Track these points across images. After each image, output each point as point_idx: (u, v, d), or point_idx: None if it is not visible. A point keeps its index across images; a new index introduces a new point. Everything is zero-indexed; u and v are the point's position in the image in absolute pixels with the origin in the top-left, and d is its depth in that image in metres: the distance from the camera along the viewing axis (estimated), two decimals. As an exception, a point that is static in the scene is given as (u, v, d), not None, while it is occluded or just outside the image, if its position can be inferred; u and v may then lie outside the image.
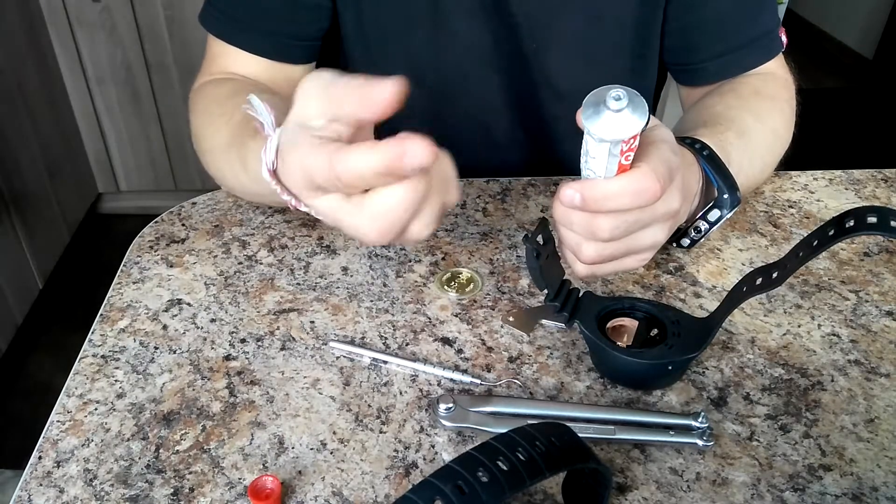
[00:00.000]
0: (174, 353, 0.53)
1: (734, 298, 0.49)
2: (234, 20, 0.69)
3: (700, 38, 0.74)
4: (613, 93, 0.43)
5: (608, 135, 0.44)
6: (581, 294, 0.54)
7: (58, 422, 0.48)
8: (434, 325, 0.56)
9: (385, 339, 0.54)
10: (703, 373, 0.52)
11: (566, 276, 0.55)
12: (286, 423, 0.48)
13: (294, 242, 0.64)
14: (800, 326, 0.56)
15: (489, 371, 0.52)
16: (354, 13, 0.72)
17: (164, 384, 0.51)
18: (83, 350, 0.53)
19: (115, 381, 0.51)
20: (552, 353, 0.53)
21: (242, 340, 0.54)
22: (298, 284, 0.59)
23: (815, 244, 0.44)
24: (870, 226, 0.42)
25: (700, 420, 0.47)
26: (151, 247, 0.64)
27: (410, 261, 0.62)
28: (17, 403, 1.68)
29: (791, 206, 0.70)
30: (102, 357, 0.53)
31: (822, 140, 2.62)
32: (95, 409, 0.49)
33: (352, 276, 0.60)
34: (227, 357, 0.53)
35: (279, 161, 0.42)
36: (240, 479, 0.44)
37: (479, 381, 0.51)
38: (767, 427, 0.48)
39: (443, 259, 0.62)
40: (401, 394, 0.50)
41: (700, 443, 0.46)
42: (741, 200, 0.58)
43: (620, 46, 0.74)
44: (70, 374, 0.51)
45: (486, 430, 0.46)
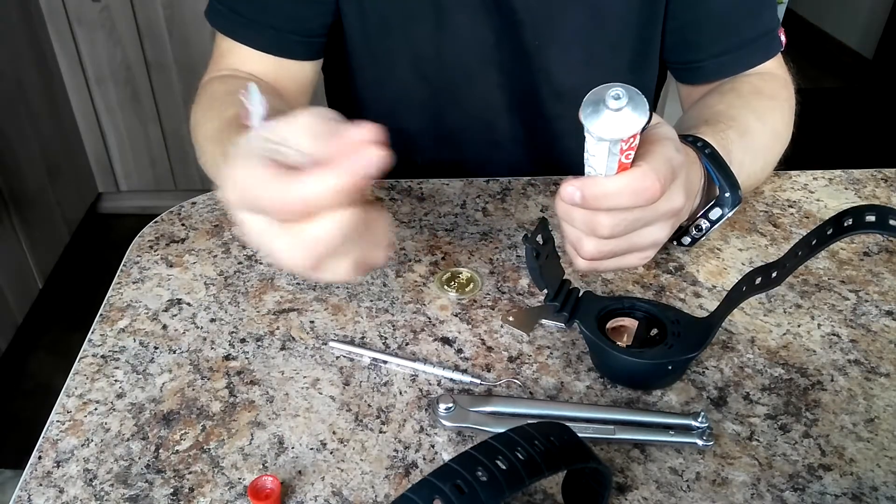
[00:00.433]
0: (174, 353, 0.53)
1: (734, 298, 0.49)
2: (239, 16, 0.70)
3: (700, 37, 0.74)
4: (613, 91, 0.43)
5: (607, 133, 0.44)
6: (581, 294, 0.54)
7: (58, 422, 0.48)
8: (434, 325, 0.56)
9: (385, 339, 0.54)
10: (703, 373, 0.52)
11: (566, 276, 0.55)
12: (286, 423, 0.48)
13: (294, 242, 0.64)
14: (800, 326, 0.56)
15: (489, 371, 0.52)
16: (357, 8, 0.72)
17: (164, 384, 0.51)
18: (83, 350, 0.53)
19: (115, 381, 0.51)
20: (552, 353, 0.53)
21: (242, 340, 0.54)
22: (298, 284, 0.59)
23: (814, 243, 0.44)
24: (868, 224, 0.42)
25: (700, 420, 0.47)
26: (151, 247, 0.64)
27: (410, 261, 0.62)
28: (17, 403, 1.68)
29: (791, 206, 0.70)
30: (102, 357, 0.53)
31: (822, 140, 2.61)
32: (95, 409, 0.49)
33: (351, 276, 0.60)
34: (227, 357, 0.53)
35: (227, 165, 0.39)
36: (239, 479, 0.44)
37: (479, 381, 0.51)
38: (767, 427, 0.48)
39: (443, 259, 0.62)
40: (400, 394, 0.50)
41: (700, 442, 0.46)
42: (742, 199, 0.59)
43: (621, 44, 0.74)
44: (70, 374, 0.51)
45: (486, 430, 0.46)
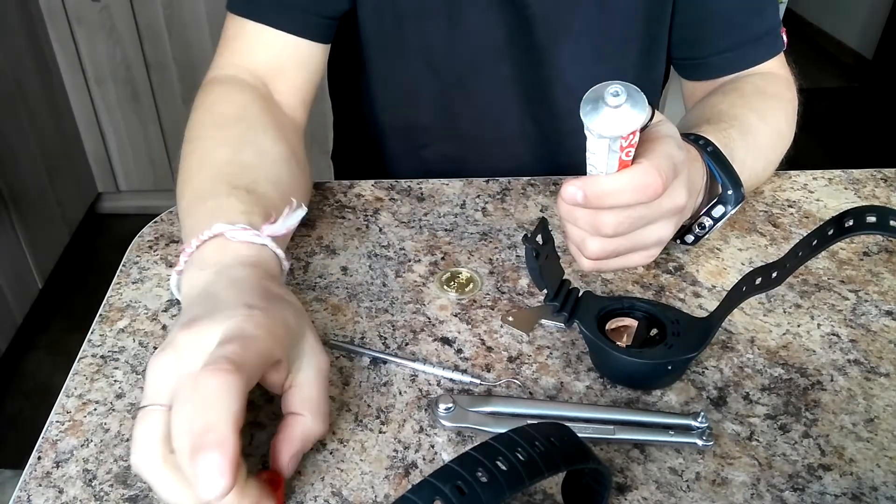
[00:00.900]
0: (173, 353, 0.53)
1: (734, 298, 0.49)
2: None
3: (707, 33, 0.74)
4: (612, 89, 0.43)
5: (607, 131, 0.44)
6: (581, 294, 0.54)
7: (57, 422, 0.48)
8: (433, 325, 0.56)
9: (384, 339, 0.54)
10: (703, 373, 0.52)
11: (566, 276, 0.55)
12: (286, 423, 0.48)
13: (293, 242, 0.64)
14: (799, 326, 0.56)
15: (489, 371, 0.52)
16: None
17: (164, 384, 0.51)
18: (82, 350, 0.53)
19: (115, 381, 0.51)
20: (552, 353, 0.53)
21: (242, 340, 0.54)
22: (298, 284, 0.59)
23: (815, 244, 0.44)
24: (869, 225, 0.42)
25: (700, 420, 0.47)
26: (151, 247, 0.64)
27: (410, 261, 0.62)
28: (17, 403, 1.68)
29: (791, 206, 0.70)
30: (102, 357, 0.53)
31: (822, 140, 2.62)
32: (95, 410, 0.49)
33: (351, 276, 0.60)
34: (227, 357, 0.53)
35: (180, 331, 0.40)
36: (239, 479, 0.44)
37: (479, 381, 0.51)
38: (767, 427, 0.48)
39: (442, 259, 0.62)
40: (400, 394, 0.50)
41: (700, 442, 0.46)
42: (745, 197, 0.59)
43: (630, 39, 0.75)
44: (69, 374, 0.51)
45: (486, 430, 0.46)
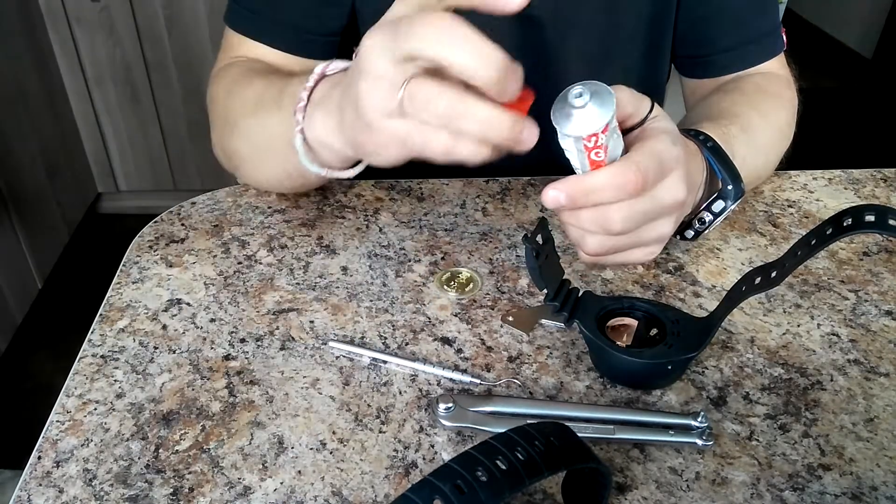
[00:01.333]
0: (173, 353, 0.53)
1: (733, 298, 0.49)
2: (258, 16, 0.70)
3: (710, 31, 0.75)
4: (575, 90, 0.45)
5: (571, 131, 0.46)
6: (580, 294, 0.54)
7: (57, 422, 0.48)
8: (433, 325, 0.56)
9: (384, 339, 0.54)
10: (703, 372, 0.52)
11: (566, 276, 0.55)
12: (286, 423, 0.48)
13: (293, 242, 0.64)
14: (799, 326, 0.56)
15: (489, 371, 0.52)
16: (373, 9, 0.72)
17: (164, 384, 0.51)
18: (82, 350, 0.53)
19: (115, 381, 0.51)
20: (552, 353, 0.53)
21: (242, 340, 0.54)
22: (298, 284, 0.59)
23: (814, 243, 0.44)
24: (868, 224, 0.42)
25: (699, 420, 0.47)
26: (151, 247, 0.64)
27: (410, 260, 0.62)
28: (17, 403, 1.68)
29: (790, 206, 0.70)
30: (102, 357, 0.53)
31: (822, 140, 2.62)
32: (95, 409, 0.49)
33: (351, 276, 0.60)
34: (227, 357, 0.53)
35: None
36: (239, 479, 0.44)
37: (479, 381, 0.51)
38: (767, 427, 0.48)
39: (442, 259, 0.62)
40: (400, 393, 0.50)
41: (699, 442, 0.46)
42: (745, 192, 0.59)
43: (635, 37, 0.75)
44: (69, 374, 0.51)
45: (486, 430, 0.46)
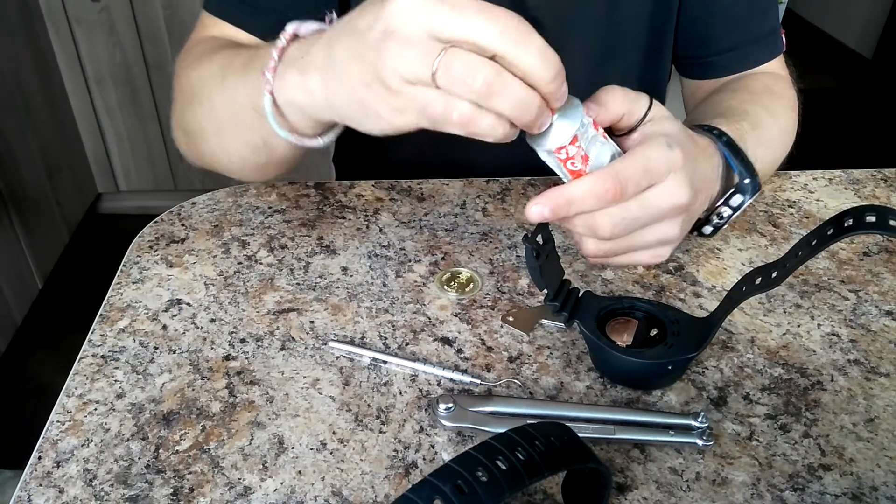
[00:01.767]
0: (174, 353, 0.53)
1: (734, 298, 0.49)
2: (242, 2, 0.67)
3: (712, 32, 0.75)
4: None
5: (539, 145, 0.48)
6: (581, 294, 0.54)
7: (57, 422, 0.48)
8: (434, 325, 0.56)
9: (385, 339, 0.54)
10: (703, 372, 0.52)
11: (566, 276, 0.55)
12: (286, 423, 0.48)
13: (294, 242, 0.64)
14: (799, 326, 0.56)
15: (489, 371, 0.52)
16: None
17: (164, 384, 0.51)
18: (83, 350, 0.53)
19: (115, 381, 0.51)
20: (552, 353, 0.53)
21: (242, 340, 0.54)
22: (298, 284, 0.59)
23: (814, 243, 0.44)
24: (868, 225, 0.42)
25: (700, 420, 0.47)
26: (151, 247, 0.64)
27: (410, 261, 0.62)
28: (17, 403, 1.68)
29: (791, 206, 0.70)
30: (102, 357, 0.53)
31: (822, 140, 2.61)
32: (95, 410, 0.49)
33: (351, 276, 0.60)
34: (227, 357, 0.53)
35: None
36: (239, 480, 0.44)
37: (479, 381, 0.51)
38: (767, 427, 0.48)
39: (442, 259, 0.62)
40: (400, 394, 0.50)
41: (700, 442, 0.46)
42: (761, 187, 0.58)
43: (636, 38, 0.75)
44: (70, 375, 0.51)
45: (486, 430, 0.46)
